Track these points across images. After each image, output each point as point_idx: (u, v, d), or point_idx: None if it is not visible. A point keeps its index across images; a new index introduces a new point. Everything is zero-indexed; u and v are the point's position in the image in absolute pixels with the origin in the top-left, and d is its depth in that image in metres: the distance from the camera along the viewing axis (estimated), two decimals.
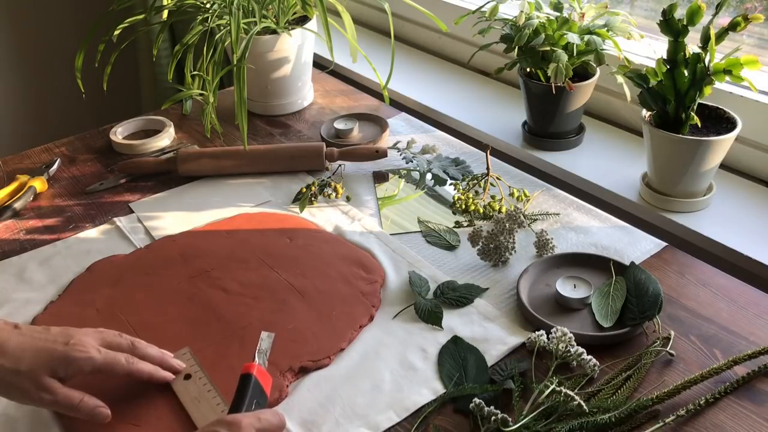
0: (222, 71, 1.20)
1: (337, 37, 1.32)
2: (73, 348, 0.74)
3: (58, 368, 0.73)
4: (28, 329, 0.75)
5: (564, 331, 0.82)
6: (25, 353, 0.72)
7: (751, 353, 0.81)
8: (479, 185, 1.15)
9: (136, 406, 0.79)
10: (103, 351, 0.75)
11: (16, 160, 1.32)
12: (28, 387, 0.72)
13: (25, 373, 0.71)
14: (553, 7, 1.19)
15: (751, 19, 0.92)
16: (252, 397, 0.72)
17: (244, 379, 0.74)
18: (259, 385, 0.74)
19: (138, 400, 0.80)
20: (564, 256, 0.98)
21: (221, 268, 1.00)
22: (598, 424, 0.73)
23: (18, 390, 0.72)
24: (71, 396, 0.74)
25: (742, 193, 1.10)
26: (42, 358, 0.72)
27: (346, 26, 1.30)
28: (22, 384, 0.72)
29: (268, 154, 1.23)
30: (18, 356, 0.72)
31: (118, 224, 1.12)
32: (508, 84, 1.45)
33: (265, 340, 0.79)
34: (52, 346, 0.73)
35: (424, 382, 0.82)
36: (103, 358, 0.75)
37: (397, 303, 0.94)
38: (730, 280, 0.95)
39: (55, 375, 0.73)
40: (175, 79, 1.37)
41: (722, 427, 0.75)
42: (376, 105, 1.45)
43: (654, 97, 1.03)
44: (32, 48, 2.20)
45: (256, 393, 0.73)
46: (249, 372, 0.74)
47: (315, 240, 1.06)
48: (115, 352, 0.77)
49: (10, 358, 0.71)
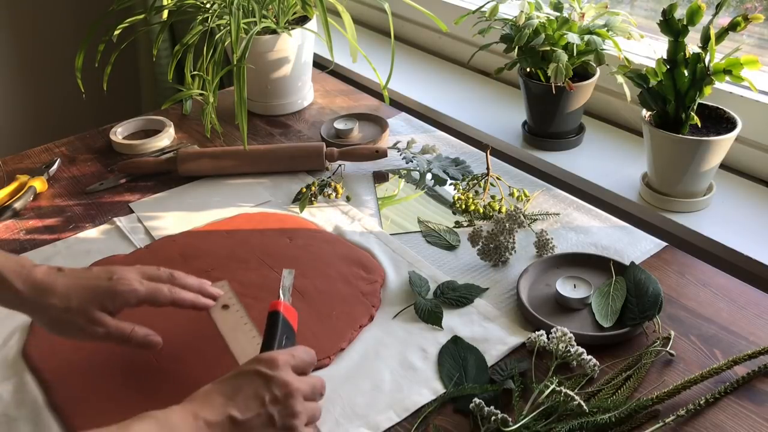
0: (222, 71, 1.20)
1: (337, 37, 1.32)
2: (117, 282, 0.78)
3: (105, 302, 0.77)
4: (71, 271, 0.79)
5: (564, 331, 0.82)
6: (73, 292, 0.76)
7: (751, 353, 0.81)
8: (479, 185, 1.15)
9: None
10: (146, 283, 0.80)
11: (16, 160, 1.32)
12: (82, 322, 0.76)
13: (76, 310, 0.76)
14: (553, 7, 1.19)
15: (751, 19, 0.92)
16: (282, 333, 0.76)
17: (273, 316, 0.77)
18: (287, 320, 0.77)
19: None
20: (564, 256, 0.98)
21: (221, 268, 1.00)
22: (598, 424, 0.73)
23: (73, 326, 0.77)
24: (122, 326, 0.78)
25: (742, 193, 1.10)
26: (89, 294, 0.77)
27: (346, 26, 1.30)
28: (76, 320, 0.76)
29: (268, 154, 1.23)
30: (67, 295, 0.76)
31: (118, 224, 1.12)
32: (508, 84, 1.45)
33: (287, 276, 0.83)
34: (97, 283, 0.78)
35: (424, 382, 0.82)
36: (146, 289, 0.79)
37: (397, 303, 0.94)
38: (730, 280, 0.95)
39: (105, 309, 0.77)
40: (175, 79, 1.37)
41: (722, 427, 0.75)
42: (376, 105, 1.45)
43: (654, 97, 1.03)
44: (32, 48, 2.20)
45: (285, 329, 0.77)
46: (276, 309, 0.77)
47: (315, 240, 1.06)
48: (157, 283, 0.81)
49: (60, 298, 0.76)
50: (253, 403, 0.66)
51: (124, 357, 0.86)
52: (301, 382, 0.70)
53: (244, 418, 0.65)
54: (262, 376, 0.68)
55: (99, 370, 0.85)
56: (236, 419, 0.65)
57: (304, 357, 0.73)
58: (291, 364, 0.70)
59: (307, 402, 0.70)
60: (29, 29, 2.18)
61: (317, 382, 0.73)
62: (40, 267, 0.78)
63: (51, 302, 0.76)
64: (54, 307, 0.76)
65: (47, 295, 0.76)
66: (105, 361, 0.86)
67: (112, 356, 0.86)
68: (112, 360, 0.86)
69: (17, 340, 0.90)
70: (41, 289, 0.76)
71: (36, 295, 0.76)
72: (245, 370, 0.69)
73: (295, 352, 0.72)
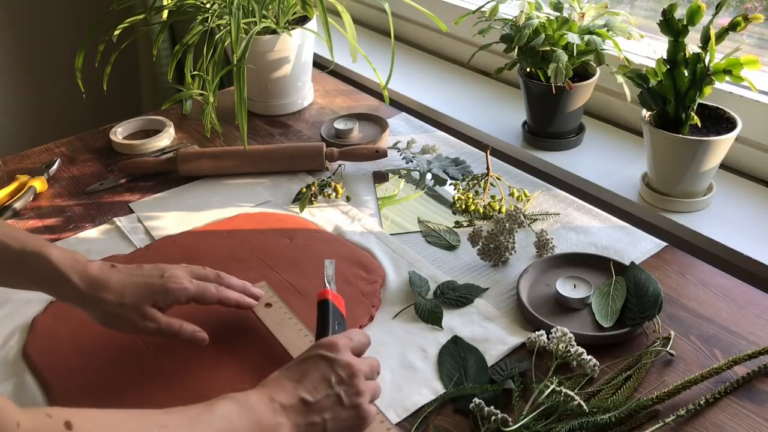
0: (222, 71, 1.20)
1: (337, 37, 1.32)
2: (169, 280, 0.81)
3: (157, 299, 0.80)
4: (124, 268, 0.82)
5: (564, 331, 0.82)
6: (127, 288, 0.79)
7: (751, 353, 0.81)
8: (479, 185, 1.15)
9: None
10: (195, 282, 0.83)
11: (16, 160, 1.32)
12: (134, 317, 0.79)
13: (130, 305, 0.79)
14: (553, 7, 1.19)
15: (751, 19, 0.92)
16: (333, 320, 0.79)
17: (323, 304, 0.81)
18: (336, 307, 0.81)
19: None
20: (564, 256, 0.98)
21: (221, 268, 1.00)
22: (598, 424, 0.73)
23: (126, 321, 0.80)
24: (172, 322, 0.81)
25: (742, 193, 1.10)
26: (142, 291, 0.80)
27: (346, 26, 1.30)
28: (129, 315, 0.79)
29: (268, 154, 1.23)
30: (121, 291, 0.79)
31: (118, 224, 1.12)
32: (508, 84, 1.45)
33: (329, 266, 0.87)
34: (150, 280, 0.81)
35: (424, 382, 0.82)
36: (195, 287, 0.82)
37: (397, 303, 0.94)
38: (730, 280, 0.95)
39: (156, 305, 0.80)
40: (175, 79, 1.37)
41: (722, 427, 0.75)
42: (376, 105, 1.45)
43: (654, 97, 1.03)
44: (32, 48, 2.20)
45: (336, 315, 0.80)
46: (325, 298, 0.81)
47: (315, 240, 1.06)
48: (205, 282, 0.84)
49: (114, 293, 0.79)
50: (321, 385, 0.69)
51: (124, 357, 0.86)
52: (361, 362, 0.73)
53: (315, 400, 0.69)
54: (325, 359, 0.71)
55: (99, 370, 0.85)
56: (307, 401, 0.68)
57: (361, 339, 0.76)
58: (350, 346, 0.73)
59: (368, 381, 0.73)
60: (29, 29, 2.18)
61: (374, 362, 0.75)
62: (93, 263, 0.81)
63: (106, 297, 0.79)
64: (108, 302, 0.79)
65: (102, 290, 0.79)
66: (105, 361, 0.86)
67: (112, 356, 0.87)
68: (113, 360, 0.86)
69: (17, 340, 0.90)
70: (97, 284, 0.79)
71: (92, 290, 0.79)
72: (309, 356, 0.72)
73: (352, 335, 0.75)
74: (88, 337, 0.88)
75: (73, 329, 0.90)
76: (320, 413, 0.68)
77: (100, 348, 0.88)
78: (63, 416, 0.55)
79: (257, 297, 0.88)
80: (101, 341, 0.88)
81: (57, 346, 0.88)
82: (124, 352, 0.87)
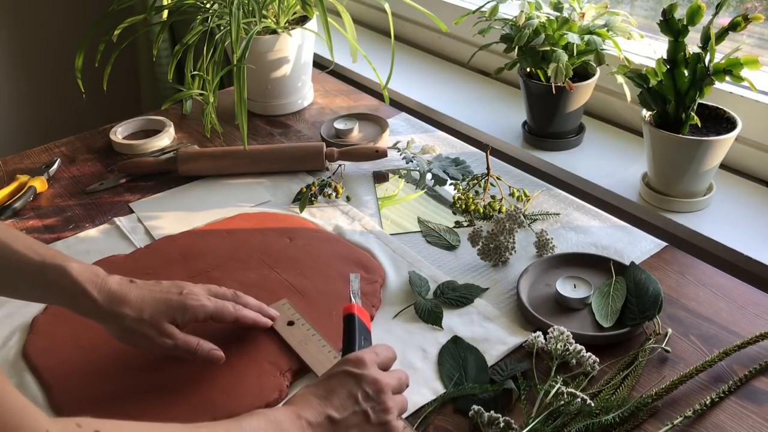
0: (222, 71, 1.20)
1: (337, 37, 1.32)
2: (187, 297, 0.81)
3: (176, 315, 0.80)
4: (144, 283, 0.82)
5: (561, 330, 0.82)
6: (146, 304, 0.79)
7: (740, 344, 0.81)
8: (479, 185, 1.15)
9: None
10: (213, 299, 0.83)
11: (16, 160, 1.32)
12: (152, 333, 0.79)
13: (148, 321, 0.79)
14: (553, 7, 1.19)
15: (751, 19, 0.92)
16: (359, 335, 0.79)
17: (349, 319, 0.80)
18: (362, 322, 0.80)
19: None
20: (564, 256, 0.98)
21: (221, 268, 1.00)
22: (602, 424, 0.73)
23: (143, 336, 0.79)
24: (189, 340, 0.81)
25: (742, 193, 1.10)
26: (161, 307, 0.80)
27: (346, 26, 1.30)
28: (147, 331, 0.79)
29: (268, 154, 1.23)
30: (140, 306, 0.79)
31: (118, 224, 1.12)
32: (508, 84, 1.45)
33: (354, 281, 0.86)
34: (169, 297, 0.81)
35: (424, 382, 0.82)
36: (213, 305, 0.82)
37: (397, 303, 0.94)
38: (730, 280, 0.95)
39: (174, 322, 0.80)
40: (175, 79, 1.37)
41: (722, 427, 0.75)
42: (376, 105, 1.45)
43: (654, 97, 1.03)
44: (32, 48, 2.20)
45: (362, 330, 0.80)
46: (351, 312, 0.80)
47: (315, 240, 1.06)
48: (223, 300, 0.84)
49: (133, 308, 0.79)
50: (348, 402, 0.69)
51: (124, 357, 0.86)
52: (388, 377, 0.72)
53: (341, 417, 0.68)
54: (352, 375, 0.71)
55: (99, 370, 0.85)
56: (334, 418, 0.68)
57: (387, 353, 0.75)
58: (376, 361, 0.73)
59: (396, 396, 0.72)
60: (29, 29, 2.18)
61: (402, 375, 0.75)
62: (113, 277, 0.80)
63: (125, 312, 0.78)
64: (127, 317, 0.78)
65: (121, 304, 0.78)
66: (105, 362, 0.86)
67: (112, 356, 0.86)
68: (112, 360, 0.86)
69: (17, 340, 0.90)
70: (116, 298, 0.78)
71: (111, 305, 0.78)
72: (335, 372, 0.72)
73: (378, 350, 0.75)
74: (88, 337, 0.88)
75: (73, 329, 0.90)
76: (347, 430, 0.68)
77: (100, 348, 0.87)
78: (93, 426, 0.55)
79: (273, 318, 0.88)
80: (101, 341, 0.88)
81: (57, 346, 0.88)
82: (124, 351, 0.87)
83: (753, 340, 0.82)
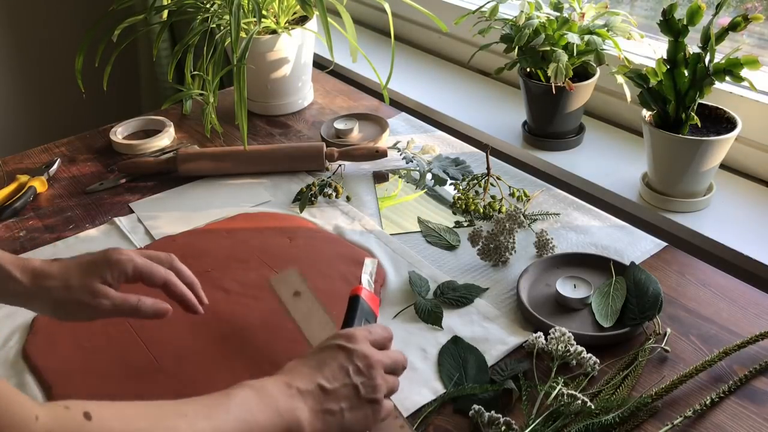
0: (222, 71, 1.20)
1: (337, 37, 1.32)
2: (114, 252, 0.79)
3: (104, 273, 0.77)
4: (68, 258, 0.80)
5: (562, 331, 0.82)
6: (71, 271, 0.77)
7: (739, 343, 0.81)
8: (479, 185, 1.15)
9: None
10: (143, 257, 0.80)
11: (16, 160, 1.32)
12: (85, 298, 0.76)
13: (77, 287, 0.76)
14: (553, 7, 1.19)
15: (751, 19, 0.92)
16: (361, 316, 0.79)
17: (353, 300, 0.81)
18: (368, 305, 0.81)
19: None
20: (564, 256, 0.98)
21: (221, 268, 1.00)
22: (603, 424, 0.73)
23: (77, 304, 0.76)
24: (128, 297, 0.78)
25: (742, 193, 1.10)
26: (86, 268, 0.77)
27: (346, 26, 1.30)
28: (79, 296, 0.76)
29: (268, 154, 1.23)
30: (65, 276, 0.77)
31: (118, 224, 1.12)
32: (508, 84, 1.45)
33: (368, 264, 0.86)
34: (92, 258, 0.79)
35: (424, 382, 0.82)
36: (143, 261, 0.79)
37: (397, 303, 0.94)
38: (730, 280, 0.95)
39: (105, 281, 0.77)
40: (175, 79, 1.37)
41: (722, 427, 0.75)
42: (376, 105, 1.45)
43: (654, 97, 1.03)
44: (32, 48, 2.20)
45: (365, 312, 0.80)
46: (356, 294, 0.81)
47: (315, 240, 1.06)
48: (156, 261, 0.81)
49: (59, 279, 0.76)
50: (339, 374, 0.69)
51: (125, 357, 0.86)
52: (381, 354, 0.72)
53: (332, 387, 0.68)
54: (343, 349, 0.70)
55: (99, 370, 0.85)
56: (325, 388, 0.68)
57: (382, 332, 0.75)
58: (369, 338, 0.73)
59: (388, 375, 0.72)
60: (30, 29, 2.18)
61: (398, 356, 0.74)
62: (36, 259, 0.79)
63: (50, 285, 0.76)
64: (54, 289, 0.76)
65: (46, 279, 0.76)
66: (105, 362, 0.86)
67: (112, 356, 0.87)
68: (113, 360, 0.86)
69: (17, 340, 0.90)
70: (39, 274, 0.77)
71: (35, 281, 0.76)
72: (327, 345, 0.72)
73: (372, 328, 0.75)
74: (88, 337, 0.89)
75: (73, 329, 0.90)
76: (338, 401, 0.68)
77: (100, 348, 0.88)
78: (81, 407, 0.55)
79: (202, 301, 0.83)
80: (101, 341, 0.88)
81: (57, 346, 0.88)
82: (125, 351, 0.87)
83: (753, 340, 0.82)
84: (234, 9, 1.14)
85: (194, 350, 0.86)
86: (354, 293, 0.81)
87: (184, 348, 0.87)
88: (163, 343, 0.87)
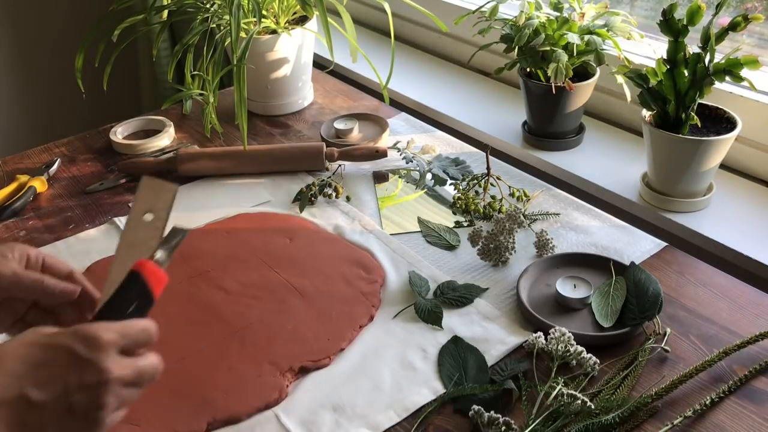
0: (222, 71, 1.20)
1: (337, 37, 1.32)
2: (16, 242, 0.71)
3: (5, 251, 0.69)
4: None
5: (563, 331, 0.82)
6: None
7: (740, 344, 0.81)
8: (479, 185, 1.15)
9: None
10: None
11: (16, 160, 1.32)
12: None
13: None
14: (553, 7, 1.19)
15: (751, 19, 0.92)
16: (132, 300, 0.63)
17: (130, 278, 0.63)
18: (148, 287, 0.63)
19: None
20: (564, 256, 0.98)
21: (221, 268, 1.00)
22: (602, 424, 0.73)
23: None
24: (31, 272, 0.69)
25: (742, 193, 1.10)
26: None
27: (346, 26, 1.30)
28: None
29: (268, 154, 1.23)
30: None
31: (118, 224, 1.12)
32: (508, 84, 1.45)
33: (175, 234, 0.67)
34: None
35: (424, 382, 0.82)
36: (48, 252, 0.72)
37: (397, 303, 0.94)
38: (730, 280, 0.95)
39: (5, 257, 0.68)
40: (175, 79, 1.37)
41: (722, 427, 0.75)
42: (376, 105, 1.45)
43: (654, 97, 1.03)
44: (32, 48, 2.20)
45: (141, 295, 0.63)
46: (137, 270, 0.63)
47: (315, 240, 1.06)
48: None
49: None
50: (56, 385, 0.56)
51: None
52: (122, 367, 0.58)
53: (40, 399, 0.55)
54: (73, 355, 0.57)
55: None
56: (31, 399, 0.55)
57: (139, 333, 0.61)
58: (118, 344, 0.59)
59: (126, 389, 0.59)
60: (29, 29, 2.18)
61: (148, 366, 0.62)
62: None
63: None
64: None
65: None
66: None
67: None
68: None
69: None
70: None
71: None
72: (60, 343, 0.57)
73: (128, 329, 0.60)
74: None
75: None
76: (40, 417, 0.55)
77: None
78: None
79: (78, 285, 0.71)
80: None
81: None
82: None
83: (753, 339, 0.82)
84: (234, 9, 1.14)
85: (194, 350, 0.86)
86: (135, 269, 0.63)
87: (184, 348, 0.87)
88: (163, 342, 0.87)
